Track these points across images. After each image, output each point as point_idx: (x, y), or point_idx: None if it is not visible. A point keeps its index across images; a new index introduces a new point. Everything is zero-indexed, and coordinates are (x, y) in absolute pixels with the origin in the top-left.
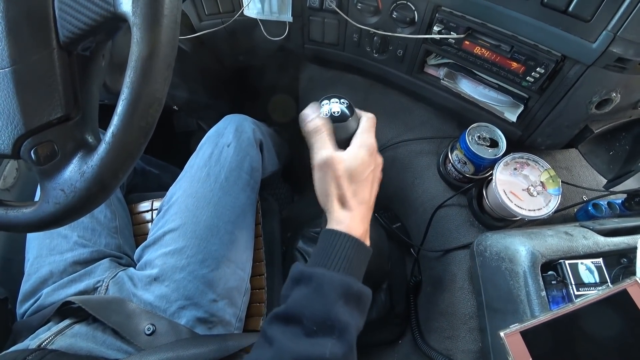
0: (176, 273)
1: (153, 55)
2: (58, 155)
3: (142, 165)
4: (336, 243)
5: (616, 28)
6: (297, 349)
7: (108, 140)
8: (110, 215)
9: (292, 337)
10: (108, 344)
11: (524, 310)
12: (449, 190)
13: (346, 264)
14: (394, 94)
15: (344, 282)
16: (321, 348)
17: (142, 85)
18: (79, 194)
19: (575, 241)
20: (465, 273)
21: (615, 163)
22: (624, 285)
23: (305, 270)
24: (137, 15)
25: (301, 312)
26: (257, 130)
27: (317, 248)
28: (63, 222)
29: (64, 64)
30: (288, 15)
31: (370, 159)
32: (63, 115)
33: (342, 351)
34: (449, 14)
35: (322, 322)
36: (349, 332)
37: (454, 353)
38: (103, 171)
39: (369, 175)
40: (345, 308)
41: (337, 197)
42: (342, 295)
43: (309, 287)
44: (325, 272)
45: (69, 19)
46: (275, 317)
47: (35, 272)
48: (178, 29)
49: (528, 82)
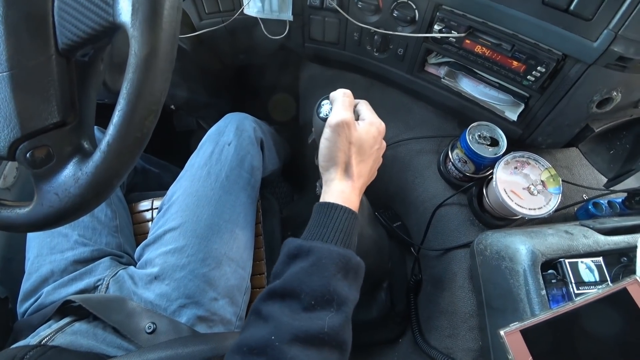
0: (177, 271)
1: (149, 70)
2: (53, 159)
3: (143, 164)
4: (334, 215)
5: (617, 27)
6: (296, 324)
7: (103, 149)
8: (110, 214)
9: (290, 312)
10: (108, 341)
11: (524, 308)
12: (450, 189)
13: (344, 236)
14: (394, 92)
15: (342, 256)
16: (320, 322)
17: (138, 98)
18: (72, 199)
19: (575, 240)
20: (465, 272)
21: (616, 162)
22: (624, 284)
23: (304, 244)
24: (136, 27)
25: (299, 287)
26: (258, 128)
27: (313, 220)
28: (55, 225)
29: (62, 70)
30: (288, 14)
31: (378, 136)
32: (59, 120)
33: (339, 323)
34: (450, 13)
35: (321, 296)
36: (347, 305)
37: (454, 352)
38: (97, 179)
39: (374, 152)
40: (344, 282)
41: (343, 163)
42: (341, 268)
43: (307, 261)
44: (324, 245)
45: (69, 26)
46: (270, 294)
47: (36, 271)
48: (176, 43)
49: (529, 81)
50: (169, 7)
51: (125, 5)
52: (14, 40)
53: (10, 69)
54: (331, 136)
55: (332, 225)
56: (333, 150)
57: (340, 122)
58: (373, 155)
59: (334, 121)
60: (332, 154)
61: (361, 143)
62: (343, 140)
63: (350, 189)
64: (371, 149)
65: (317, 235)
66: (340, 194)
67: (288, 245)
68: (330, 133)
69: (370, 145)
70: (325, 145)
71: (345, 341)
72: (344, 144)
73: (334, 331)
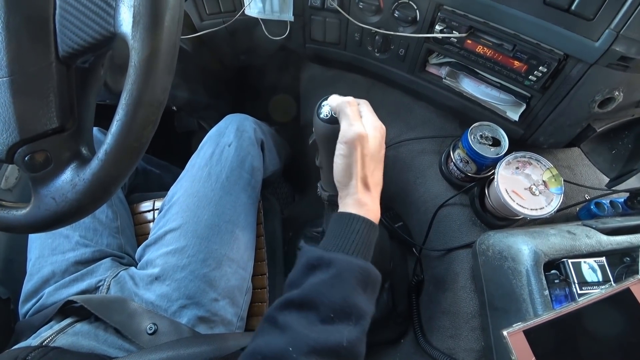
0: (177, 272)
1: (148, 81)
2: (51, 164)
3: (144, 165)
4: (355, 227)
5: (619, 26)
6: (314, 335)
7: (101, 157)
8: (112, 215)
9: (308, 324)
10: (110, 342)
11: (527, 309)
12: (451, 189)
13: (364, 249)
14: (395, 93)
15: (363, 269)
16: (339, 335)
17: (136, 108)
18: (69, 204)
19: (577, 240)
20: (467, 272)
21: (618, 162)
22: (627, 284)
23: (325, 255)
24: (137, 39)
25: (318, 298)
26: (258, 129)
27: (333, 230)
28: (52, 228)
29: (62, 77)
30: (289, 14)
31: (382, 140)
32: (58, 126)
33: (357, 336)
34: (451, 13)
35: (340, 309)
36: (365, 319)
37: (457, 352)
38: (94, 185)
39: (382, 157)
40: (363, 295)
41: (361, 177)
42: (360, 282)
43: (327, 273)
44: (345, 257)
45: (70, 34)
46: (288, 303)
47: (38, 272)
48: (176, 54)
49: (530, 80)
50: (170, 19)
51: (127, 17)
52: (14, 46)
53: (11, 74)
54: (347, 152)
55: (354, 237)
56: (350, 165)
57: (356, 137)
58: (382, 161)
59: (349, 136)
60: (350, 169)
61: (373, 152)
62: (358, 155)
63: (371, 200)
64: (379, 155)
65: (337, 247)
66: (363, 206)
67: (307, 254)
68: (347, 149)
69: (378, 151)
70: (342, 161)
71: (361, 354)
72: (360, 158)
73: (352, 345)
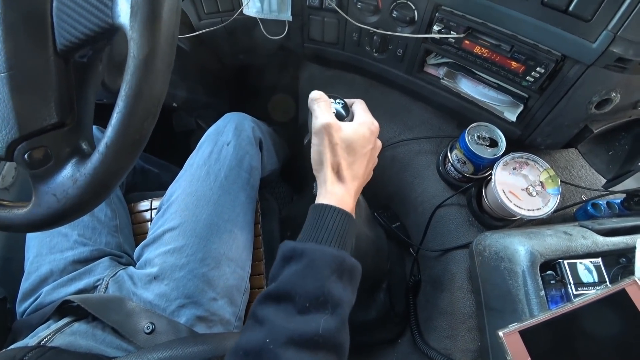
0: (176, 272)
1: (148, 72)
2: (51, 160)
3: (142, 164)
4: (328, 217)
5: (616, 28)
6: (290, 327)
7: (102, 151)
8: (110, 214)
9: (285, 315)
10: (107, 342)
11: (523, 309)
12: (448, 189)
13: (338, 238)
14: (393, 93)
15: (336, 257)
16: (314, 324)
17: (137, 100)
18: (70, 200)
19: (574, 241)
20: (464, 272)
21: (615, 163)
22: (622, 285)
23: (297, 246)
24: (135, 30)
25: (293, 289)
26: (257, 128)
27: (307, 223)
28: (53, 226)
29: (60, 71)
30: (288, 14)
31: (370, 136)
32: (58, 121)
33: (334, 326)
34: (449, 13)
35: (315, 298)
36: (342, 307)
37: (453, 352)
38: (96, 180)
39: (367, 152)
40: (338, 283)
41: (332, 164)
42: (335, 270)
43: (300, 263)
44: (317, 246)
45: (67, 27)
46: (265, 297)
47: (35, 271)
48: (175, 45)
49: (528, 81)
50: (168, 10)
51: (124, 7)
52: (12, 41)
53: (9, 70)
54: (315, 141)
55: (326, 227)
56: (319, 154)
57: (319, 128)
58: (367, 156)
59: (316, 126)
60: (320, 157)
61: (349, 143)
62: (326, 143)
63: (343, 191)
64: (363, 149)
65: (310, 237)
66: (334, 195)
67: (282, 247)
68: (316, 138)
69: (362, 145)
70: (313, 150)
71: (342, 343)
72: (328, 146)
73: (329, 333)
